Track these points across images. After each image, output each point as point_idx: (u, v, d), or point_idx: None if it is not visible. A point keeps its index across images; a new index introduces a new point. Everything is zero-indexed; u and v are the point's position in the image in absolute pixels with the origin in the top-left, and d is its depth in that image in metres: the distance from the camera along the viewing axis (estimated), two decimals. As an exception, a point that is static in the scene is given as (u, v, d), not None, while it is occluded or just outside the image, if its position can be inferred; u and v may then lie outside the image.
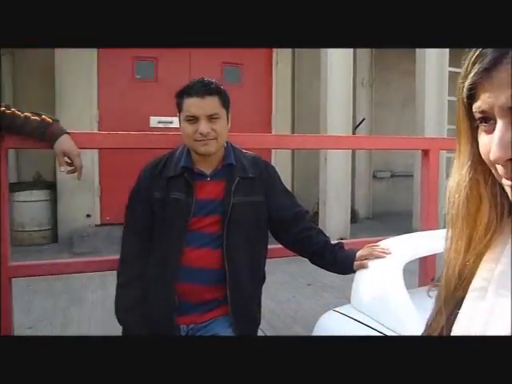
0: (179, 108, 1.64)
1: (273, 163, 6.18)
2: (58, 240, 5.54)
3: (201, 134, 1.58)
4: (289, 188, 1.83)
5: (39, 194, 5.60)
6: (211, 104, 1.59)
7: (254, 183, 1.71)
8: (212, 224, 1.65)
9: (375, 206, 7.00)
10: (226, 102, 1.64)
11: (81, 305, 3.42)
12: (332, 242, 1.75)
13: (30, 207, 5.54)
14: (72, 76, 5.49)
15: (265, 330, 2.78)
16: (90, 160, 5.48)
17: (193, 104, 1.59)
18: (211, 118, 1.59)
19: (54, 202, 5.65)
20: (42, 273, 1.92)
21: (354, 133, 6.22)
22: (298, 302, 3.44)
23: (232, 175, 1.67)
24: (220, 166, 1.69)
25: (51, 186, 5.63)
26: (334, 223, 5.33)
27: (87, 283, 3.75)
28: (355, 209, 6.47)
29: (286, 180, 6.17)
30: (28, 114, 1.67)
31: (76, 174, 1.76)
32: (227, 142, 1.73)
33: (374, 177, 7.13)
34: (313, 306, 3.28)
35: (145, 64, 5.77)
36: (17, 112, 1.65)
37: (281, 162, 6.28)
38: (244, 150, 1.81)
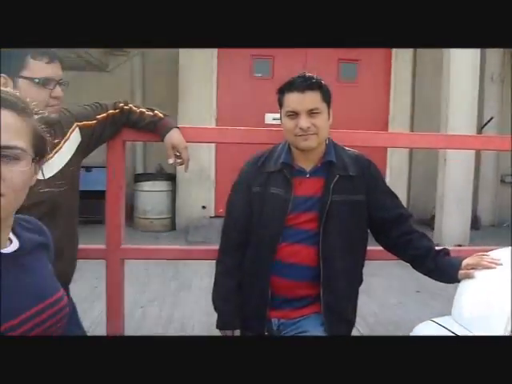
0: (280, 103, 1.65)
1: (388, 163, 5.96)
2: (175, 228, 5.92)
3: (301, 128, 1.57)
4: (405, 190, 1.75)
5: (161, 185, 6.03)
6: (312, 99, 1.58)
7: (354, 182, 1.66)
8: (309, 221, 1.63)
9: (502, 213, 6.42)
10: (327, 97, 1.62)
11: (189, 290, 3.62)
12: (436, 248, 1.64)
13: (152, 197, 5.99)
14: (194, 75, 5.81)
15: (364, 333, 2.70)
16: (206, 154, 5.76)
17: (293, 99, 1.58)
18: (312, 112, 1.58)
19: (173, 192, 6.05)
20: (149, 256, 2.06)
21: (480, 132, 5.76)
22: (403, 309, 3.28)
23: (331, 173, 1.64)
24: (320, 163, 1.67)
25: (172, 178, 6.03)
26: (452, 229, 4.99)
27: (197, 270, 3.95)
28: (477, 215, 5.99)
29: (402, 181, 5.91)
30: (143, 110, 1.81)
31: (183, 166, 1.86)
32: (328, 139, 1.70)
33: (502, 181, 6.55)
34: (419, 315, 3.09)
35: (262, 62, 5.90)
36: (133, 108, 1.79)
37: (397, 162, 6.03)
38: (347, 148, 1.76)
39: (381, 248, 1.78)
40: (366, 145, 2.06)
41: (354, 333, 1.76)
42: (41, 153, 0.83)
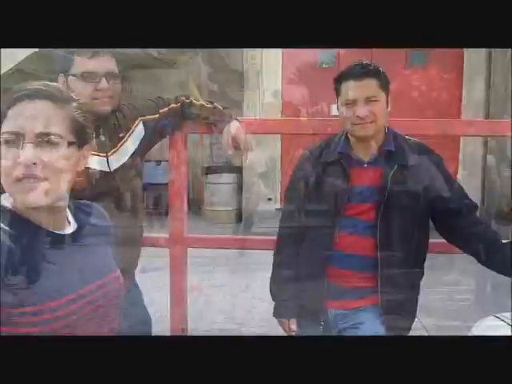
0: (337, 92, 1.63)
1: (461, 152, 5.70)
2: (241, 220, 6.03)
3: (358, 116, 1.55)
4: (479, 180, 1.67)
5: (228, 178, 6.16)
6: (369, 86, 1.55)
7: (414, 171, 1.61)
8: (366, 211, 1.61)
9: None
10: (384, 85, 1.58)
11: (253, 280, 3.68)
12: (504, 241, 1.56)
13: (219, 189, 6.14)
14: (259, 67, 5.86)
15: (429, 329, 2.61)
16: (272, 147, 5.80)
17: (350, 87, 1.57)
18: (369, 100, 1.55)
19: (240, 185, 6.15)
20: (211, 245, 2.13)
21: None
22: (473, 306, 3.13)
23: (390, 162, 1.61)
24: (378, 152, 1.64)
25: (238, 171, 6.13)
26: (531, 222, 4.68)
27: (261, 260, 3.99)
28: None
29: (476, 170, 5.63)
30: (203, 103, 1.86)
31: (244, 157, 1.89)
32: (388, 128, 1.67)
33: None
34: (491, 313, 2.94)
35: (325, 52, 5.83)
36: (193, 101, 1.85)
37: (471, 151, 5.74)
38: (407, 137, 1.71)
39: (444, 240, 1.72)
40: (431, 133, 1.99)
41: (417, 327, 1.71)
42: (82, 138, 0.88)
